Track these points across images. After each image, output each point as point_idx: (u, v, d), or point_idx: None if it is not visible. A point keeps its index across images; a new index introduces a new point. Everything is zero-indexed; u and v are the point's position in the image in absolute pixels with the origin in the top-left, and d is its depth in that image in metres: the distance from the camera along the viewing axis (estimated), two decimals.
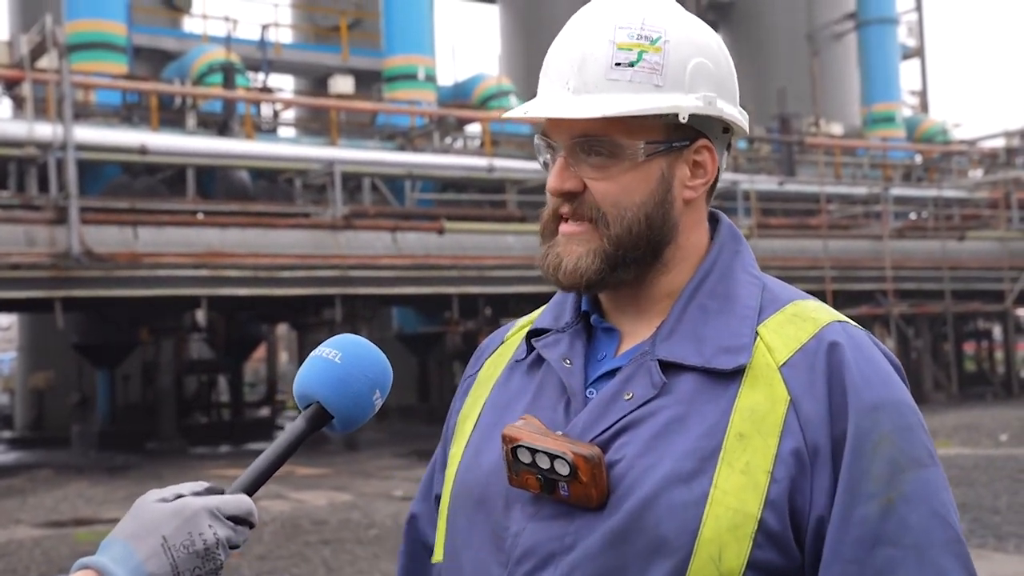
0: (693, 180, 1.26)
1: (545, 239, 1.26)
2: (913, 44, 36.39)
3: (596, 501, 1.14)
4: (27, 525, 10.32)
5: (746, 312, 1.21)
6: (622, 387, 1.20)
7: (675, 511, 1.12)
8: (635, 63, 1.20)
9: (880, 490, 1.12)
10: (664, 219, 1.23)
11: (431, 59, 23.93)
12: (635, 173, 1.22)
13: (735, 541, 1.11)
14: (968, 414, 18.94)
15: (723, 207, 24.23)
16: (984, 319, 27.89)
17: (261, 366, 31.64)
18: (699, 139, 1.25)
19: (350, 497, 11.48)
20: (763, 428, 1.14)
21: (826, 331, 1.19)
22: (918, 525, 1.12)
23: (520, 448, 1.17)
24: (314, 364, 1.21)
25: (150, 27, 24.84)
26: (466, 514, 1.25)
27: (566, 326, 1.29)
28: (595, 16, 1.23)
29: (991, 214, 26.21)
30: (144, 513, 1.10)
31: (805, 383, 1.15)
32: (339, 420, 1.21)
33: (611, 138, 1.21)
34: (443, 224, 17.91)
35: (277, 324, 25.87)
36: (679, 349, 1.20)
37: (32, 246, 14.69)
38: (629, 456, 1.15)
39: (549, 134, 1.26)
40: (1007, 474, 11.09)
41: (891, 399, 1.17)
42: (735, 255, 1.28)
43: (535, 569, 1.16)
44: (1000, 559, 7.29)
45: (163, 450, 17.93)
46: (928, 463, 1.16)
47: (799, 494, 1.13)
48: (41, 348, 22.67)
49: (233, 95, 20.26)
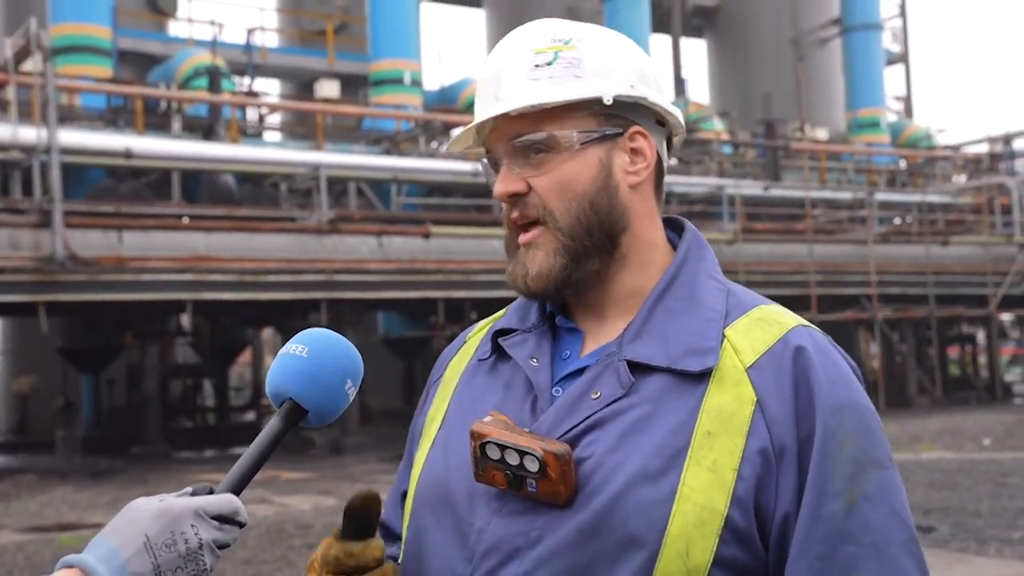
0: (634, 166, 1.29)
1: (510, 255, 1.30)
2: (897, 50, 36.56)
3: (564, 498, 1.16)
4: (10, 530, 10.28)
5: (712, 315, 1.24)
6: (589, 386, 1.22)
7: (643, 508, 1.14)
8: (552, 62, 1.25)
9: (844, 488, 1.15)
10: (611, 204, 1.26)
11: (417, 63, 23.93)
12: (573, 163, 1.25)
13: (702, 537, 1.13)
14: (952, 418, 19.03)
15: (708, 212, 24.36)
16: (968, 323, 28.00)
17: (246, 370, 31.56)
18: (631, 126, 1.29)
19: (335, 501, 11.46)
20: (730, 427, 1.16)
21: (791, 335, 1.22)
22: (879, 524, 1.15)
23: (489, 444, 1.19)
24: (283, 362, 1.22)
25: (135, 31, 24.79)
26: (432, 512, 1.27)
27: (532, 326, 1.32)
28: (511, 39, 1.30)
29: (975, 219, 26.35)
30: (130, 513, 1.11)
31: (772, 385, 1.18)
32: (314, 414, 1.22)
33: (544, 131, 1.25)
34: (429, 228, 17.92)
35: (263, 328, 25.81)
36: (646, 350, 1.22)
37: (16, 250, 14.63)
38: (597, 453, 1.17)
39: (490, 150, 1.30)
40: (989, 478, 11.15)
41: (854, 401, 1.19)
42: (700, 260, 1.30)
43: (500, 564, 1.18)
44: (981, 563, 7.33)
45: (148, 454, 17.86)
46: (888, 465, 1.19)
47: (765, 492, 1.15)
48: (25, 352, 22.57)
49: (219, 99, 20.23)
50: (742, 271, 20.12)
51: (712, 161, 25.14)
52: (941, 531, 8.42)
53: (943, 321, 25.33)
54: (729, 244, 20.83)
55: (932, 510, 9.32)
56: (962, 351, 29.97)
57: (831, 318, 22.36)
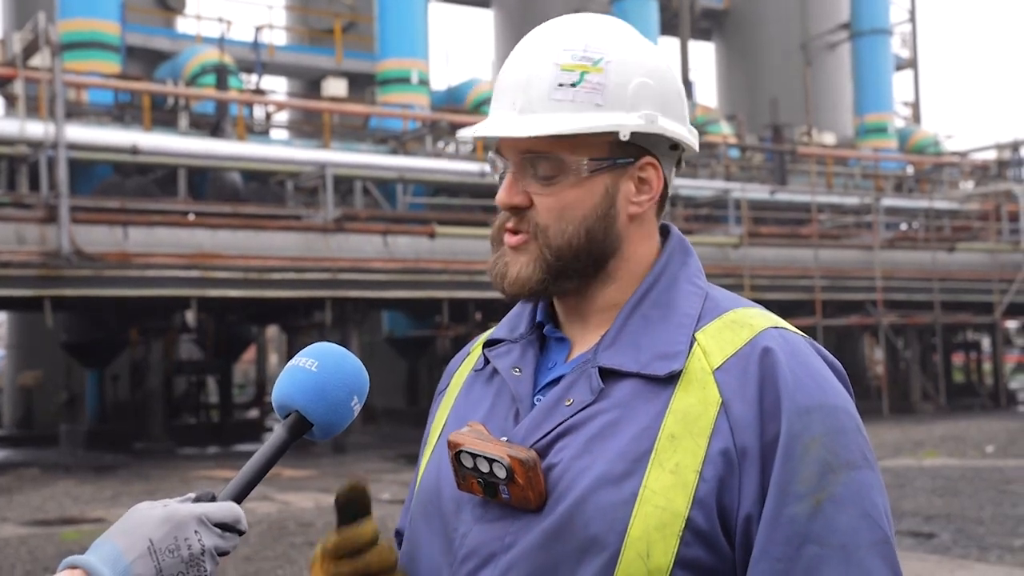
0: (638, 196, 1.29)
1: (495, 248, 1.32)
2: (906, 55, 36.50)
3: (534, 503, 1.19)
4: (13, 523, 10.30)
5: (684, 320, 1.25)
6: (564, 393, 1.25)
7: (604, 511, 1.16)
8: (577, 83, 1.25)
9: (809, 491, 1.14)
10: (606, 233, 1.27)
11: (424, 63, 23.94)
12: (579, 189, 1.26)
13: (663, 539, 1.14)
14: (955, 425, 19.01)
15: (714, 215, 24.36)
16: (973, 331, 27.97)
17: (251, 368, 31.60)
18: (644, 156, 1.29)
19: None
20: (694, 429, 1.17)
21: (761, 336, 1.22)
22: (846, 526, 1.14)
23: (462, 453, 1.22)
24: (292, 374, 1.23)
25: (143, 27, 24.82)
26: (425, 518, 1.31)
27: (520, 336, 1.35)
28: (541, 39, 1.29)
29: (981, 226, 26.31)
30: (135, 517, 1.12)
31: (737, 387, 1.19)
32: (318, 428, 1.23)
33: (556, 155, 1.26)
34: (434, 228, 17.93)
35: (267, 326, 25.84)
36: (618, 357, 1.24)
37: (22, 244, 14.67)
38: (566, 459, 1.20)
39: (500, 151, 1.31)
40: (992, 485, 11.14)
41: (824, 403, 1.18)
42: (682, 266, 1.31)
43: (476, 568, 1.21)
44: (982, 569, 7.32)
45: (151, 450, 17.90)
46: (861, 465, 1.18)
47: (727, 493, 1.16)
48: (30, 347, 22.61)
49: (226, 96, 20.25)
50: (747, 275, 20.11)
51: (719, 164, 25.13)
52: (943, 538, 8.41)
53: (948, 328, 25.31)
54: (735, 248, 20.82)
55: (934, 516, 9.31)
56: (967, 358, 29.93)
57: (836, 323, 22.35)
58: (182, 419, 21.60)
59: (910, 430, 17.83)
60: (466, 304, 19.80)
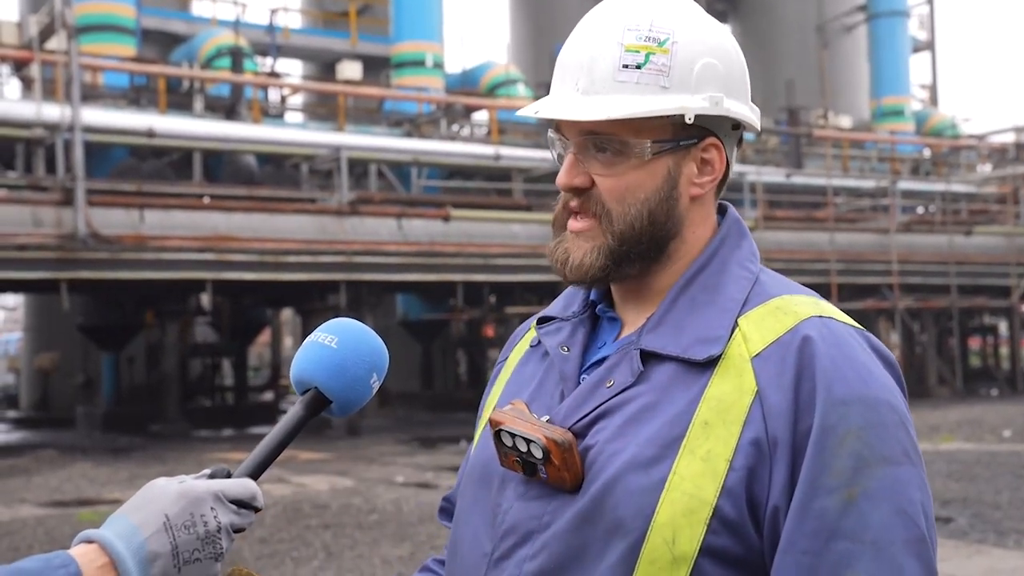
0: (700, 177, 1.28)
1: (556, 231, 1.30)
2: (924, 37, 36.26)
3: (570, 484, 1.18)
4: (31, 504, 10.38)
5: (729, 304, 1.23)
6: (606, 375, 1.23)
7: (632, 495, 1.15)
8: (642, 65, 1.22)
9: (841, 484, 1.11)
10: (668, 215, 1.26)
11: (439, 46, 23.91)
12: (642, 171, 1.24)
13: (689, 526, 1.13)
14: (972, 409, 18.95)
15: (729, 198, 24.12)
16: (990, 315, 27.86)
17: (265, 350, 31.72)
18: (707, 137, 1.27)
19: (351, 482, 11.52)
20: (728, 417, 1.15)
21: (804, 325, 1.19)
22: (879, 522, 1.11)
23: (502, 432, 1.23)
24: (311, 350, 1.22)
25: (159, 10, 24.85)
26: (472, 491, 1.31)
27: (573, 315, 1.34)
28: (605, 17, 1.26)
29: (999, 209, 26.17)
30: (150, 493, 1.12)
31: (773, 375, 1.16)
32: (337, 405, 1.22)
33: (618, 137, 1.23)
34: (449, 211, 17.92)
35: (282, 309, 25.92)
36: (660, 339, 1.22)
37: (39, 227, 14.73)
38: (600, 441, 1.19)
39: (561, 130, 1.28)
40: (1009, 470, 11.10)
41: (865, 395, 1.15)
42: (735, 249, 1.30)
43: (516, 545, 1.22)
44: (999, 554, 7.30)
45: (167, 433, 17.99)
46: (900, 461, 1.14)
47: (757, 484, 1.14)
48: (47, 329, 22.75)
49: (241, 79, 20.26)
50: (762, 259, 20.04)
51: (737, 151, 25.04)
52: (959, 522, 8.39)
53: (965, 312, 25.20)
54: (750, 231, 20.76)
55: (951, 501, 9.29)
56: (983, 342, 29.81)
57: (851, 307, 22.23)
58: (197, 401, 21.71)
59: (926, 415, 17.77)
60: (480, 287, 19.80)
